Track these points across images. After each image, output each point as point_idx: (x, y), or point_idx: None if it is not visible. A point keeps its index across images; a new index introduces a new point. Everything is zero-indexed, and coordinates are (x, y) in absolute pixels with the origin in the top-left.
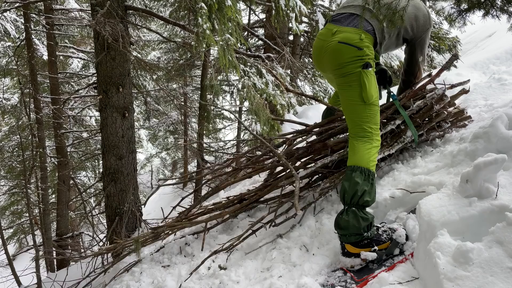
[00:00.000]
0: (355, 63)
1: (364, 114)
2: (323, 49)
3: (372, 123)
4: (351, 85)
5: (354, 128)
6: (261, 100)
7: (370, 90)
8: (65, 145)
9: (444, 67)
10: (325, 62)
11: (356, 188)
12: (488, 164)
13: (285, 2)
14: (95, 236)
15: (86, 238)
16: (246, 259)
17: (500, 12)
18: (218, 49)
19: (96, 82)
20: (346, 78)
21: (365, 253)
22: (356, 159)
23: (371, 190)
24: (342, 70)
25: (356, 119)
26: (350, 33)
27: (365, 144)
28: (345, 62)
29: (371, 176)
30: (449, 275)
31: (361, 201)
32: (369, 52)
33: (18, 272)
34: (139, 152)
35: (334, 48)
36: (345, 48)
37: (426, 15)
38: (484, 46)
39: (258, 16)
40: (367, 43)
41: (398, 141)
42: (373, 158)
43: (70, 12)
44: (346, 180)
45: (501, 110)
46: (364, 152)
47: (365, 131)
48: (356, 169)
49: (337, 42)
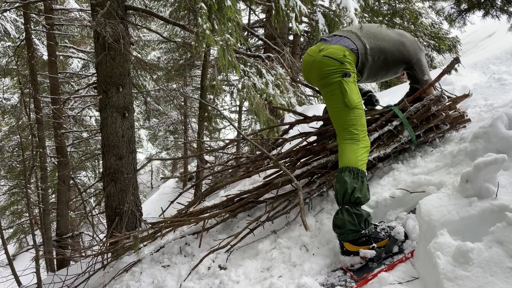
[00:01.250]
0: (335, 74)
1: (349, 118)
2: (309, 63)
3: (358, 125)
4: (333, 93)
5: (341, 132)
6: (261, 100)
7: (352, 95)
8: (65, 145)
9: (445, 71)
10: (311, 75)
11: (345, 186)
12: (488, 164)
13: (285, 2)
14: (95, 236)
15: (86, 238)
16: (246, 259)
17: (500, 12)
18: (218, 49)
19: (96, 82)
20: (329, 88)
21: (364, 250)
22: (344, 161)
23: (362, 187)
24: (324, 80)
25: (342, 123)
26: (335, 49)
27: (352, 145)
28: (327, 73)
29: (360, 174)
30: (449, 275)
31: (352, 199)
32: (350, 67)
33: (18, 272)
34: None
35: (319, 61)
36: (328, 61)
37: (412, 41)
38: (484, 46)
39: (258, 16)
40: (350, 60)
41: (395, 140)
42: (362, 157)
43: (70, 12)
44: (337, 182)
45: (501, 110)
46: (351, 153)
47: (351, 133)
48: (345, 169)
49: (322, 56)
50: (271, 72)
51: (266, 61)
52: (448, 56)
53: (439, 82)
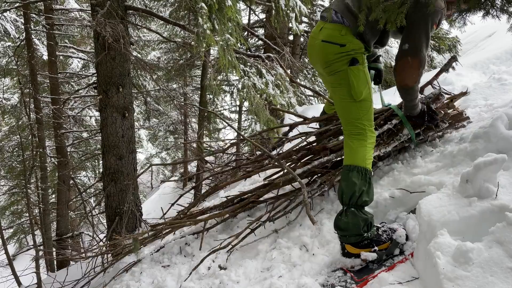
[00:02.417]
0: (341, 60)
1: (356, 111)
2: (312, 47)
3: (364, 120)
4: (340, 83)
5: (347, 126)
6: (261, 100)
7: (359, 87)
8: (65, 145)
9: (443, 69)
10: (315, 62)
11: (354, 188)
12: (488, 164)
13: (285, 2)
14: (95, 236)
15: (86, 238)
16: (246, 259)
17: (500, 12)
18: (218, 49)
19: (96, 82)
20: (335, 76)
21: (365, 253)
22: (352, 158)
23: (369, 190)
24: (329, 68)
25: (349, 117)
26: (331, 29)
27: (360, 141)
28: (331, 60)
29: (368, 175)
30: (449, 275)
31: (359, 201)
32: (354, 46)
33: (18, 272)
34: (139, 152)
35: (319, 47)
36: (328, 46)
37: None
38: (484, 46)
39: (258, 16)
40: (349, 37)
41: (395, 138)
42: (369, 156)
43: (70, 12)
44: (343, 180)
45: (501, 110)
46: (359, 150)
47: (358, 128)
48: (353, 168)
49: (321, 41)
50: (271, 72)
51: (266, 61)
52: (448, 56)
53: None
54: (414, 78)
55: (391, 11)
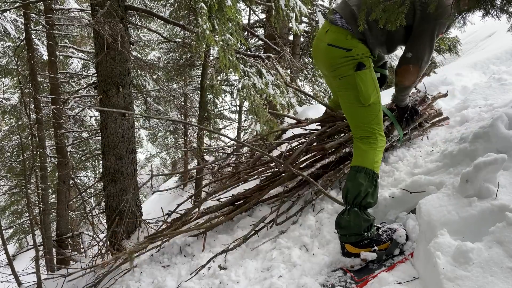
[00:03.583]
0: (347, 65)
1: (365, 116)
2: (317, 49)
3: (374, 124)
4: (347, 88)
5: (356, 130)
6: (261, 101)
7: (367, 92)
8: (65, 145)
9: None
10: (320, 64)
11: (359, 188)
12: (488, 164)
13: (285, 2)
14: (95, 236)
15: (86, 238)
16: (246, 259)
17: (500, 12)
18: (218, 49)
19: (96, 82)
20: (342, 81)
21: (365, 253)
22: (361, 159)
23: (374, 192)
24: (335, 72)
25: (358, 122)
26: (337, 33)
27: (370, 145)
28: (337, 64)
29: (375, 178)
30: (449, 275)
31: (363, 202)
32: (360, 51)
33: (18, 272)
34: (139, 152)
35: (325, 50)
36: (334, 50)
37: None
38: (484, 46)
39: (258, 16)
40: (355, 42)
41: (387, 140)
42: (378, 159)
43: (70, 12)
44: (349, 180)
45: (501, 110)
46: (369, 152)
47: (367, 132)
48: (361, 169)
49: (327, 44)
50: (271, 72)
51: (266, 61)
52: (448, 56)
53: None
54: (412, 80)
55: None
